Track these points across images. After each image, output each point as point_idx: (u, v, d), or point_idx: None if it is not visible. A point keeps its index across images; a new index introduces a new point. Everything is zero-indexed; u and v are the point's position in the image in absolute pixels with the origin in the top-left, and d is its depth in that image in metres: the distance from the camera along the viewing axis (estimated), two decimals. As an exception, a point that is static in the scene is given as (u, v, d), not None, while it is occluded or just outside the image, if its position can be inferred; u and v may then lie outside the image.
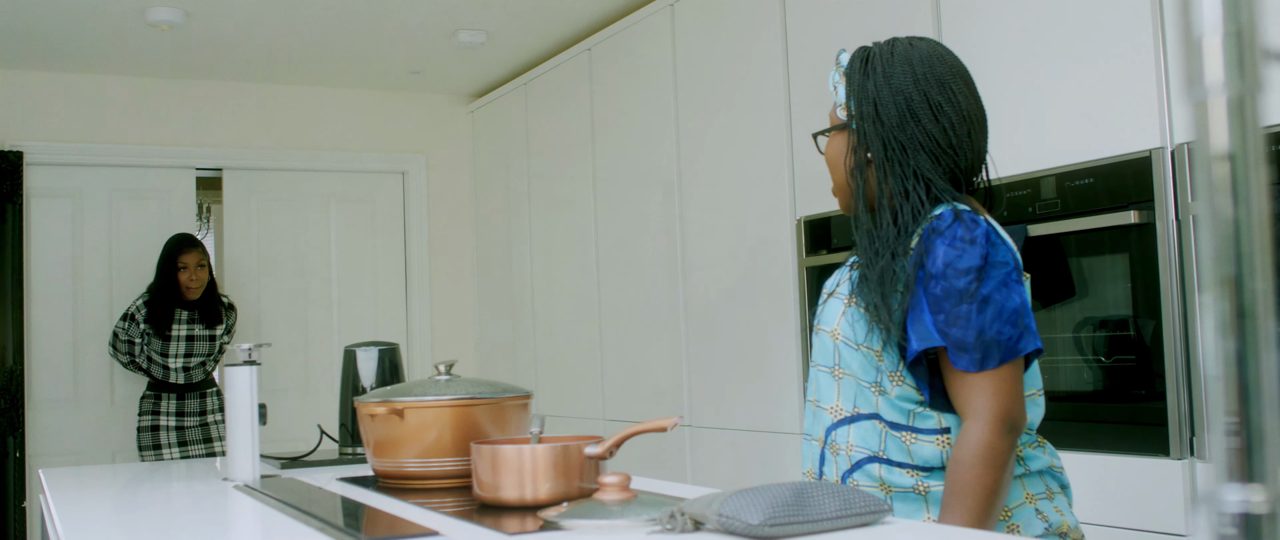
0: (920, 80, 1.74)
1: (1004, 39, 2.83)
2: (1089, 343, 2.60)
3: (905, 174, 1.73)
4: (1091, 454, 2.54)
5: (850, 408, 1.75)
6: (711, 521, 1.46)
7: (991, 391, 1.63)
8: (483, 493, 1.84)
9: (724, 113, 3.93)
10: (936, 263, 1.65)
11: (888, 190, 1.73)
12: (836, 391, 1.77)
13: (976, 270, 1.64)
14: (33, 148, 5.40)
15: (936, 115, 1.74)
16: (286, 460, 2.73)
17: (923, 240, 1.67)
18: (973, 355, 1.63)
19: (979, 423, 1.62)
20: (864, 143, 1.76)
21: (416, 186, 6.19)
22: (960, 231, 1.65)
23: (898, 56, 1.77)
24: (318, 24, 4.84)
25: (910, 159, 1.73)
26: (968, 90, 1.78)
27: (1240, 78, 0.52)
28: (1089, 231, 2.56)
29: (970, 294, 1.63)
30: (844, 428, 1.75)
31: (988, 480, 1.61)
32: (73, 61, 5.31)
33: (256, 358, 2.42)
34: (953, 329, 1.63)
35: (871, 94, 1.75)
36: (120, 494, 2.30)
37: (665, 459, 4.22)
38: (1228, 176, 0.52)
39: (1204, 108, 0.53)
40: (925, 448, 1.69)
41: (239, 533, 1.89)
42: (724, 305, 3.95)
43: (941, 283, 1.64)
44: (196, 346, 5.31)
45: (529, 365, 5.46)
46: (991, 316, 1.63)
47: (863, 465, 1.73)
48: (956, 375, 1.65)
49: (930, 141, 1.73)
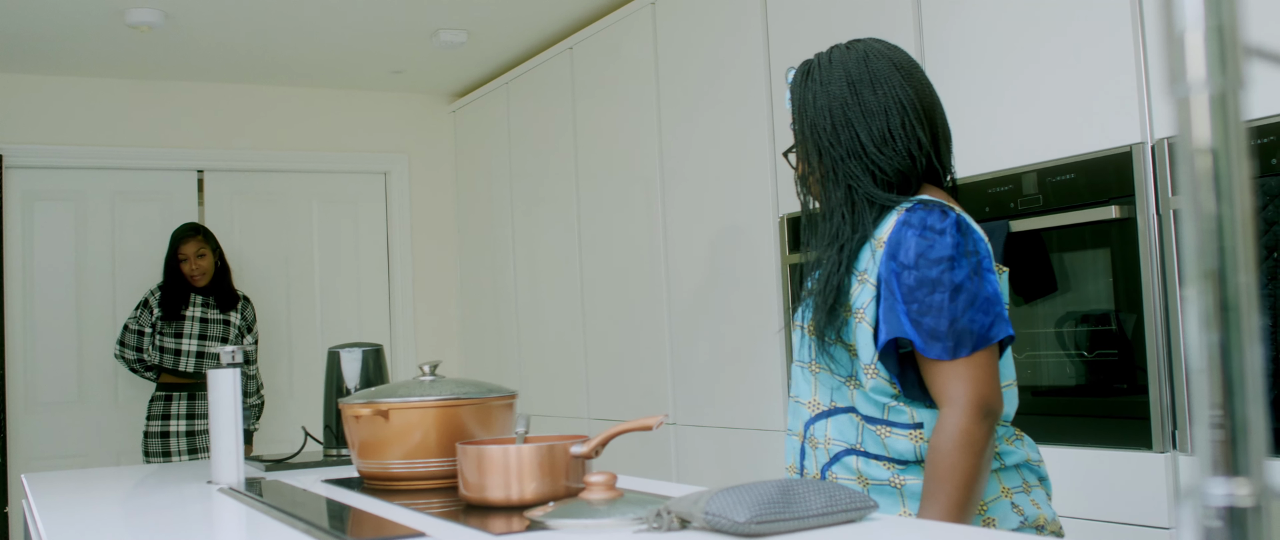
0: (855, 82, 1.77)
1: (985, 35, 2.84)
2: (1071, 337, 2.61)
3: (838, 183, 1.77)
4: (1074, 448, 2.55)
5: (827, 402, 1.78)
6: (698, 520, 1.46)
7: (967, 378, 1.64)
8: (469, 493, 1.84)
9: (706, 110, 3.93)
10: (908, 253, 1.66)
11: (831, 200, 1.78)
12: (814, 386, 1.80)
13: (948, 259, 1.65)
14: (11, 151, 5.37)
15: (868, 116, 1.76)
16: (271, 462, 2.72)
17: (894, 232, 1.69)
18: (945, 343, 1.64)
19: (955, 410, 1.64)
20: (804, 155, 1.82)
21: (399, 186, 6.17)
22: (931, 221, 1.67)
23: (835, 63, 1.80)
24: (298, 24, 4.82)
25: (844, 167, 1.76)
26: (907, 81, 1.78)
27: (1222, 74, 0.52)
28: (1070, 227, 2.57)
29: (943, 283, 1.65)
30: (821, 422, 1.78)
31: (965, 466, 1.62)
32: (52, 63, 5.28)
33: (239, 360, 2.41)
34: (925, 318, 1.64)
35: (809, 105, 1.80)
36: (104, 498, 2.29)
37: (651, 457, 4.22)
38: (1210, 172, 0.53)
39: (1186, 104, 0.53)
40: (899, 442, 1.71)
41: (224, 536, 1.89)
42: (707, 303, 3.96)
43: (914, 273, 1.65)
44: (211, 329, 5.19)
45: (513, 365, 5.46)
46: (964, 304, 1.65)
47: (840, 458, 1.75)
48: (931, 365, 1.66)
49: (868, 144, 1.75)
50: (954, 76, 2.90)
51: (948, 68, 2.92)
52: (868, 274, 1.71)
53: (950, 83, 2.91)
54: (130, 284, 5.59)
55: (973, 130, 2.82)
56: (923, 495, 1.65)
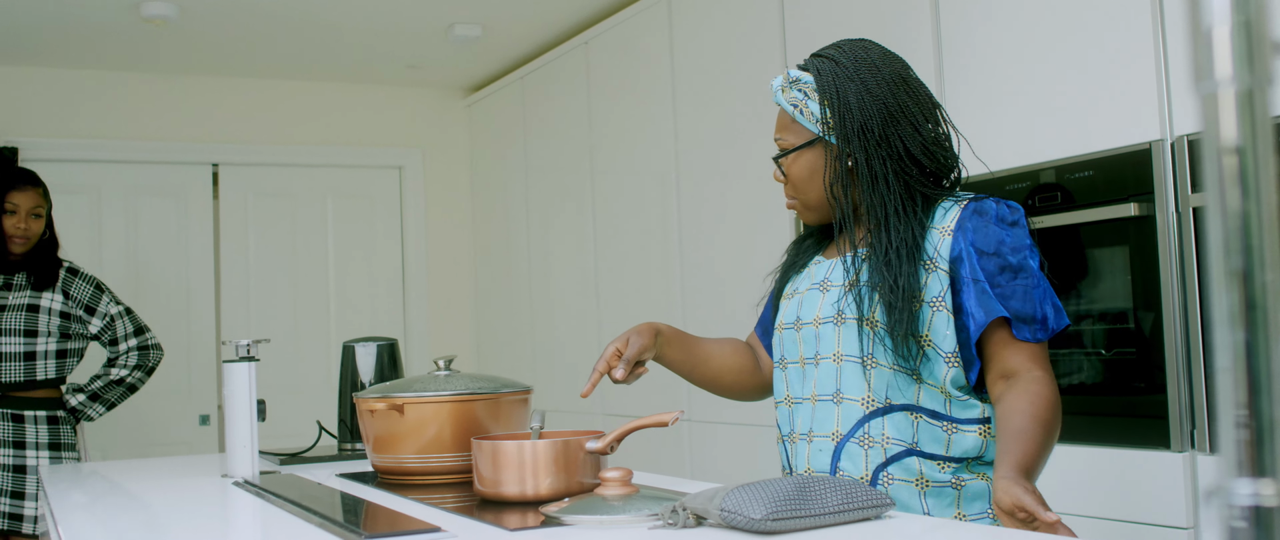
0: (892, 83, 1.77)
1: (1003, 32, 2.82)
2: (1089, 336, 2.60)
3: (890, 184, 1.75)
4: (1093, 447, 2.54)
5: (883, 398, 1.73)
6: (713, 516, 1.46)
7: (1046, 360, 1.70)
8: (484, 488, 1.84)
9: (722, 105, 3.93)
10: (989, 241, 1.70)
11: (885, 200, 1.75)
12: (867, 382, 1.74)
13: (1027, 247, 1.71)
14: (26, 144, 5.39)
15: (914, 118, 1.77)
16: (285, 456, 2.73)
17: (968, 219, 1.71)
18: (1034, 326, 1.69)
19: (1052, 378, 1.69)
20: (839, 156, 1.78)
21: (413, 181, 6.18)
22: (1005, 212, 1.72)
23: (861, 62, 1.78)
24: (313, 18, 4.83)
25: (898, 166, 1.75)
26: (922, 84, 1.83)
27: (1249, 70, 0.52)
28: (1089, 224, 2.56)
29: (1025, 269, 1.70)
30: (878, 419, 1.73)
31: (1058, 429, 1.66)
32: (67, 57, 5.30)
33: (255, 353, 2.42)
34: (1012, 302, 1.68)
35: (852, 108, 1.76)
36: (118, 490, 2.30)
37: (666, 454, 4.22)
38: (1236, 169, 0.52)
39: (1213, 100, 0.53)
40: (966, 438, 1.70)
41: (240, 529, 1.89)
42: (722, 298, 3.95)
43: (996, 259, 1.69)
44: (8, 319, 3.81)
45: (527, 360, 5.46)
46: (1044, 290, 1.71)
47: (899, 458, 1.71)
48: (1012, 346, 1.69)
49: (917, 145, 1.76)
50: (972, 73, 2.89)
51: (966, 65, 2.91)
52: (938, 262, 1.71)
53: (968, 80, 2.89)
54: (148, 277, 5.60)
55: (991, 127, 2.81)
56: (1015, 435, 1.60)
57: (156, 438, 5.52)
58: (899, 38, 2.96)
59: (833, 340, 1.77)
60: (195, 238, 5.74)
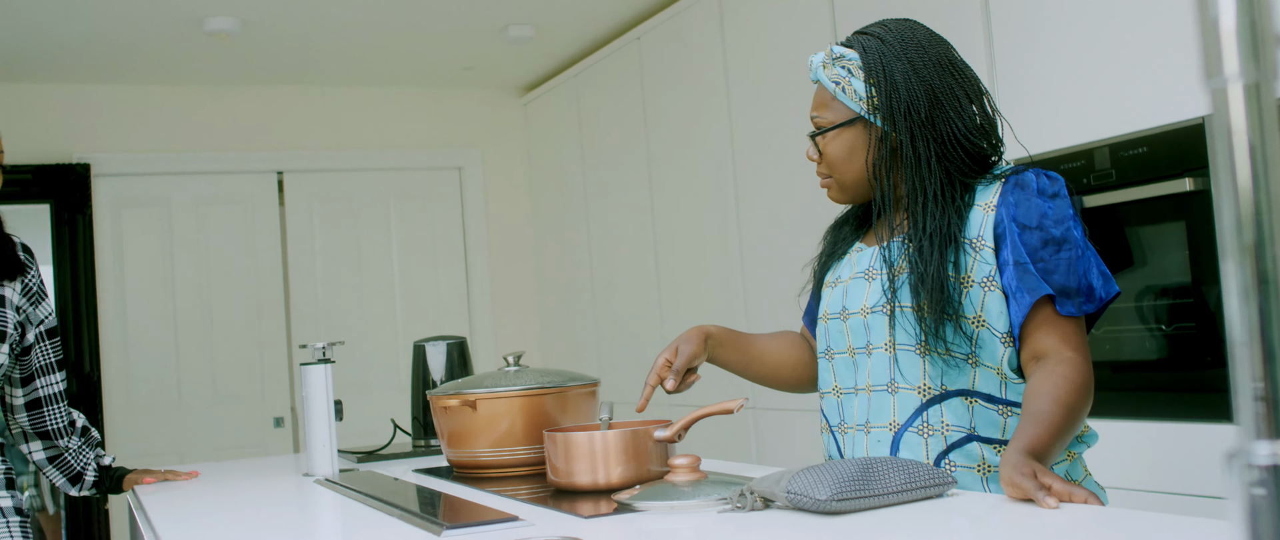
0: (941, 65, 1.75)
1: (1055, 10, 2.83)
2: (1150, 311, 2.61)
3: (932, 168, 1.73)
4: (1155, 422, 2.55)
5: (938, 385, 1.71)
6: (780, 498, 1.50)
7: (1081, 339, 1.66)
8: (557, 478, 1.90)
9: (776, 94, 3.96)
10: (1031, 215, 1.67)
11: (926, 183, 1.73)
12: (922, 369, 1.72)
13: (1071, 218, 1.68)
14: (99, 159, 5.53)
15: (961, 101, 1.75)
16: (362, 454, 2.81)
17: (1010, 194, 1.68)
18: (1079, 299, 1.65)
19: (1083, 358, 1.64)
20: (881, 137, 1.75)
21: (473, 181, 6.26)
22: (1045, 184, 1.69)
23: (908, 43, 1.75)
24: (369, 26, 4.92)
25: (942, 149, 1.73)
26: (968, 67, 1.80)
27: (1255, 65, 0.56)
28: (1145, 201, 2.57)
29: (1069, 241, 1.66)
30: (936, 407, 1.71)
31: (1085, 410, 1.62)
32: (135, 73, 5.43)
33: (330, 356, 2.49)
34: (1055, 276, 1.65)
35: (899, 87, 1.73)
36: (205, 491, 2.39)
37: (732, 441, 4.26)
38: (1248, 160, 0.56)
39: (1222, 94, 0.57)
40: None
41: (325, 524, 1.96)
42: (783, 289, 3.98)
43: (1038, 233, 1.66)
44: None
45: (592, 353, 5.52)
46: (1089, 260, 1.67)
47: (961, 445, 1.69)
48: (1045, 327, 1.65)
49: (963, 129, 1.74)
50: (1022, 52, 2.90)
51: (1016, 43, 2.92)
52: (985, 240, 1.69)
53: (1019, 58, 2.91)
54: (220, 285, 5.73)
55: (1043, 106, 2.82)
56: (1032, 417, 1.58)
57: (229, 442, 5.65)
58: (950, 20, 2.97)
59: (883, 329, 1.75)
60: (263, 245, 5.86)
